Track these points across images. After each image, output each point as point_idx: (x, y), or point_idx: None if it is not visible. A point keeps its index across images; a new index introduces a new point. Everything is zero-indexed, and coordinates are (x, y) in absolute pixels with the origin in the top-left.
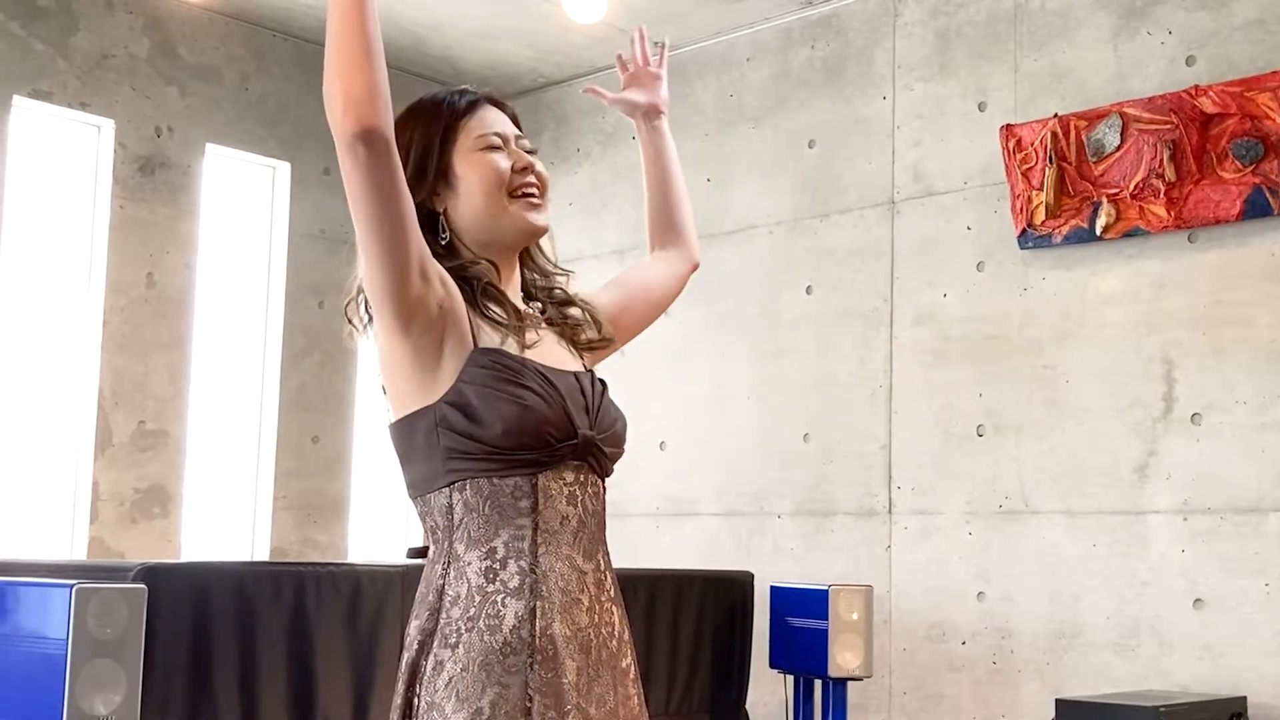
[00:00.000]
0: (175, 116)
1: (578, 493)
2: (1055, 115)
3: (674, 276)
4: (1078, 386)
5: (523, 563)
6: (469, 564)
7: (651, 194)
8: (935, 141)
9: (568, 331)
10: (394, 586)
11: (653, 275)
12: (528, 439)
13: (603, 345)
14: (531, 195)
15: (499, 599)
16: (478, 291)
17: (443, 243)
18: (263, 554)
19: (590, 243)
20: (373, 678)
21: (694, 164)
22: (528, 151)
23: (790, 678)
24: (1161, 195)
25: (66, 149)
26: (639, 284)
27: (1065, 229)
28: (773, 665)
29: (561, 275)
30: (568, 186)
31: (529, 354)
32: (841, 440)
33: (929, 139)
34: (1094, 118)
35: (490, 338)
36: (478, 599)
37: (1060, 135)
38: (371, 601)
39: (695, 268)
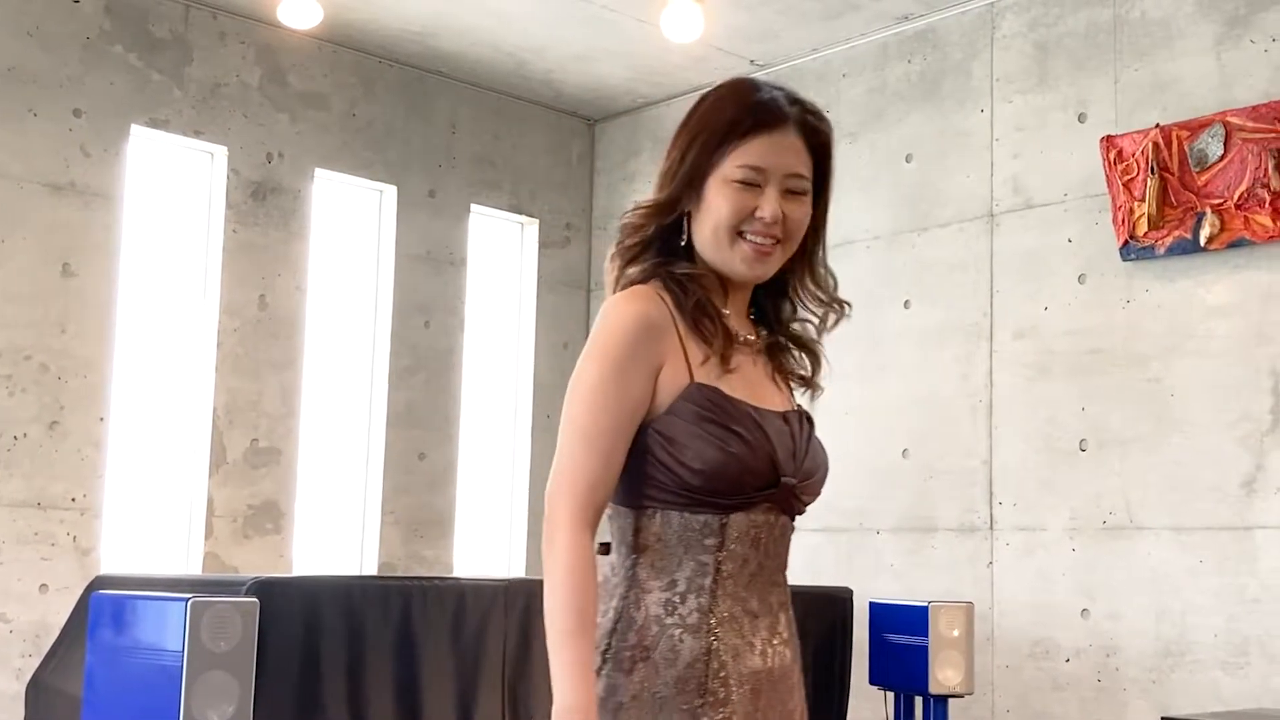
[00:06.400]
0: (286, 142)
1: (763, 535)
2: (1157, 126)
3: None
4: (1183, 400)
5: (701, 600)
6: (649, 592)
7: None
8: (1035, 154)
9: (785, 364)
10: (497, 601)
11: None
12: (724, 484)
13: (806, 386)
14: (760, 245)
15: (676, 633)
16: (690, 304)
17: (682, 242)
18: (371, 568)
19: None
20: (477, 690)
21: None
22: (794, 193)
23: (890, 695)
24: (1267, 205)
25: (182, 175)
26: None
27: (1168, 240)
28: (873, 682)
29: (837, 308)
30: None
31: (734, 379)
32: (942, 456)
33: (1028, 151)
34: (1196, 127)
35: (697, 355)
36: (654, 629)
37: (1162, 146)
38: (475, 615)
39: None
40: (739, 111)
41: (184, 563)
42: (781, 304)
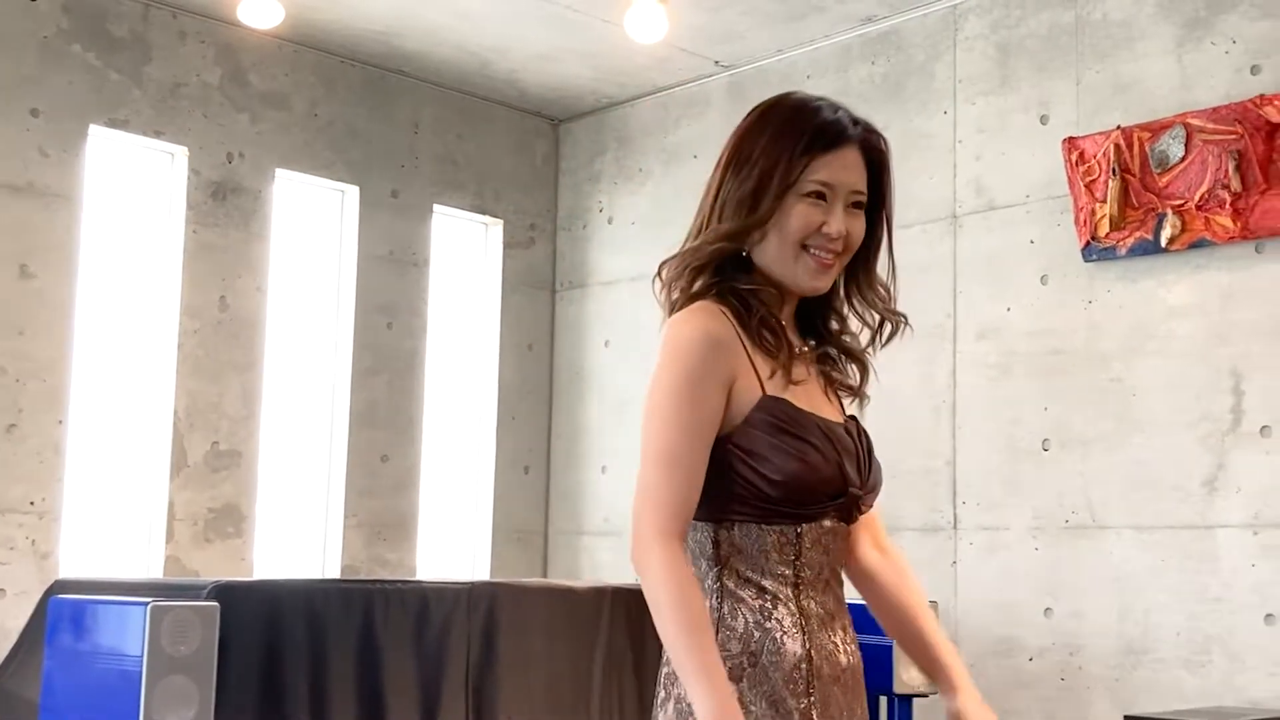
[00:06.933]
0: (246, 143)
1: (829, 542)
2: (1118, 127)
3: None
4: (1145, 400)
5: (790, 605)
6: (742, 601)
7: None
8: (997, 155)
9: (833, 375)
10: (460, 604)
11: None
12: (801, 495)
13: (854, 395)
14: (822, 257)
15: (778, 636)
16: (755, 317)
17: (743, 254)
18: (334, 572)
19: (653, 262)
20: (440, 694)
21: None
22: (856, 206)
23: None
24: (1227, 206)
25: (142, 176)
26: None
27: (1130, 241)
28: None
29: (893, 321)
30: (630, 206)
31: (798, 391)
32: (906, 456)
33: (991, 153)
34: (1158, 129)
35: (764, 368)
36: (757, 634)
37: (1124, 147)
38: (439, 618)
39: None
40: (812, 131)
41: (144, 566)
42: (828, 316)
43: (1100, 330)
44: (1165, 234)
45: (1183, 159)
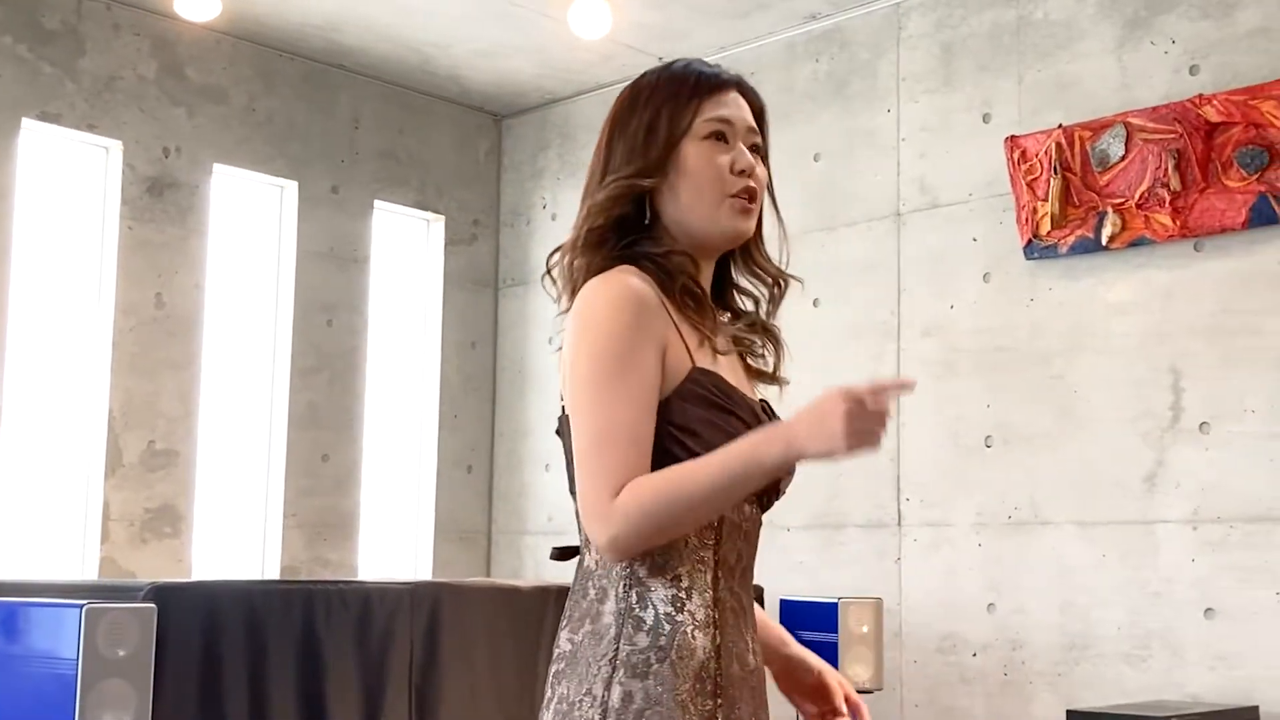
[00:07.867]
0: (183, 137)
1: (749, 529)
2: (1060, 126)
3: None
4: (1086, 397)
5: (705, 596)
6: (653, 590)
7: None
8: (940, 154)
9: (744, 352)
10: (403, 604)
11: None
12: None
13: (771, 382)
14: (744, 199)
15: (689, 630)
16: (677, 286)
17: (644, 222)
18: (274, 572)
19: None
20: (383, 695)
21: None
22: (755, 149)
23: None
24: (1167, 205)
25: (75, 171)
26: None
27: (1071, 239)
28: None
29: (784, 282)
30: (574, 202)
31: (723, 365)
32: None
33: (934, 151)
34: (1098, 128)
35: (691, 337)
36: (667, 628)
37: (1065, 146)
38: (381, 619)
39: None
40: (691, 78)
41: (79, 568)
42: (732, 294)
43: (1042, 328)
44: (1106, 232)
45: (1123, 158)
